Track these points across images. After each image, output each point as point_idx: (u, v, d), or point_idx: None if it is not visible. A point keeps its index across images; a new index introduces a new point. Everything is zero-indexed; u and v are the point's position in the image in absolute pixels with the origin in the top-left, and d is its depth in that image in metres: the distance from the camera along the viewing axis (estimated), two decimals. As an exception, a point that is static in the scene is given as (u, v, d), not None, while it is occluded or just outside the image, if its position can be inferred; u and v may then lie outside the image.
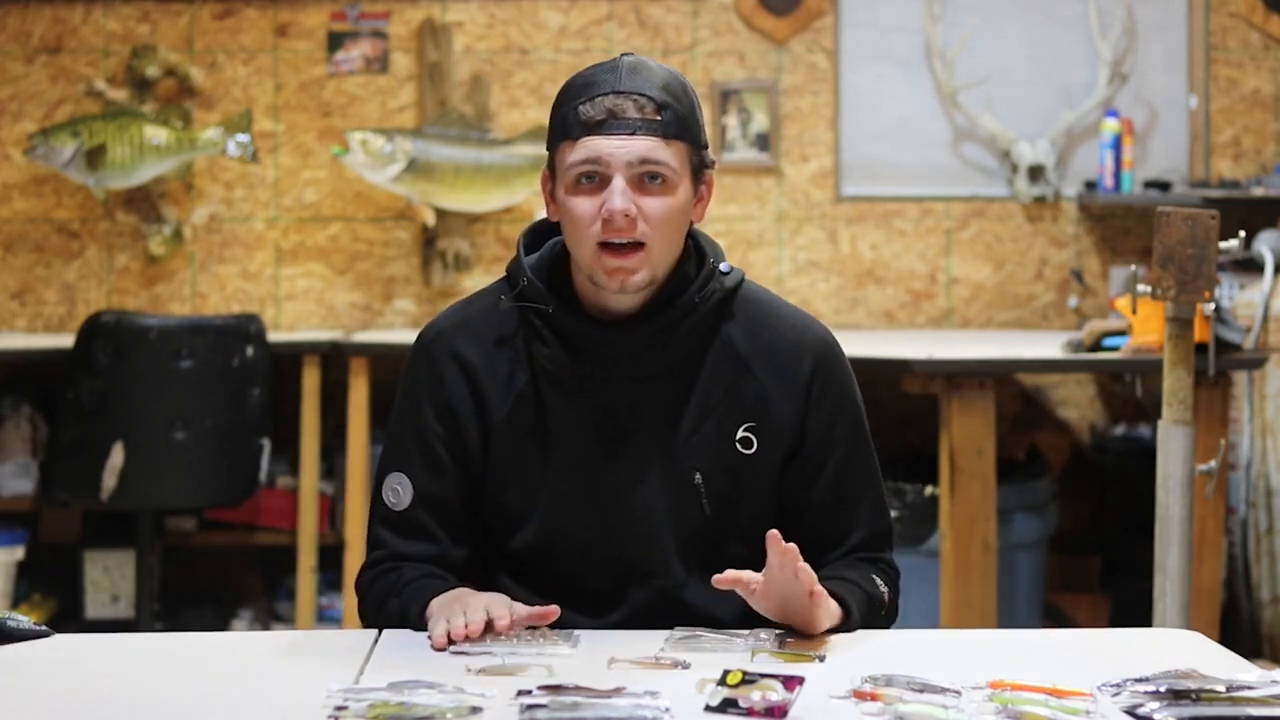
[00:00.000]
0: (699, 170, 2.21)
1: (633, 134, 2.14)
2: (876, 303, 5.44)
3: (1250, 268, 4.94)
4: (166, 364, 4.68)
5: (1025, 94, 5.45)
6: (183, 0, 5.39)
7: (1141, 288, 3.33)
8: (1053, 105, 5.43)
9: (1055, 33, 5.46)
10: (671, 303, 2.22)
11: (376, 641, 2.11)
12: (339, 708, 1.76)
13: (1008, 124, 5.41)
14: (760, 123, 5.41)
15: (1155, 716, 1.76)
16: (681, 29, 5.42)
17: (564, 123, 2.18)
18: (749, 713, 1.75)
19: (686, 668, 1.95)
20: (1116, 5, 5.43)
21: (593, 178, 2.15)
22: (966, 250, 5.45)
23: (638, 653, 2.01)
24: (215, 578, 5.36)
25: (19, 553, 5.00)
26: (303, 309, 5.42)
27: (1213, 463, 3.36)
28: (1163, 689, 1.82)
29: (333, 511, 5.18)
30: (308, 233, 5.43)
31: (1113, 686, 1.85)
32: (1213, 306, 3.46)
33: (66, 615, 5.10)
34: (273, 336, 4.97)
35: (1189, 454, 3.27)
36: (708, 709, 1.77)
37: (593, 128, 2.14)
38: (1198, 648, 2.14)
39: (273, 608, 5.34)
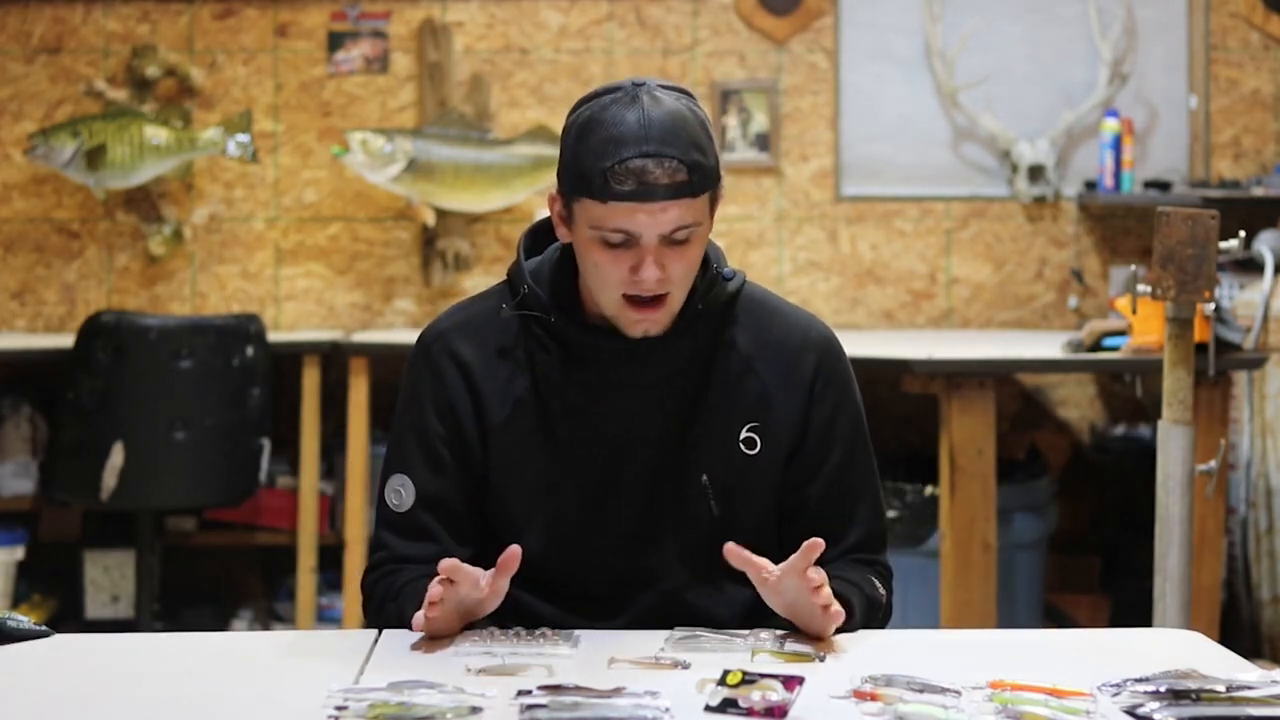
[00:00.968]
0: (716, 197, 2.19)
1: (664, 204, 2.10)
2: (876, 303, 5.44)
3: (1250, 268, 4.94)
4: (166, 364, 4.68)
5: (1025, 94, 5.45)
6: (183, 0, 5.39)
7: (1141, 288, 3.33)
8: (1053, 105, 5.43)
9: (1055, 33, 5.47)
10: (676, 310, 2.22)
11: (376, 641, 2.11)
12: (339, 708, 1.76)
13: (1008, 124, 5.41)
14: (760, 123, 5.41)
15: (1155, 716, 1.76)
16: (681, 29, 5.42)
17: (588, 180, 2.12)
18: (749, 713, 1.75)
19: (686, 668, 1.95)
20: (1116, 5, 5.43)
21: (621, 244, 2.13)
22: (966, 250, 5.45)
23: (638, 653, 2.01)
24: (215, 578, 5.36)
25: (19, 553, 5.00)
26: (303, 309, 5.42)
27: (1213, 463, 3.36)
28: (1163, 689, 1.82)
29: (333, 511, 5.19)
30: (308, 233, 5.43)
31: (1113, 686, 1.85)
32: (1213, 306, 3.46)
33: (66, 615, 5.10)
34: (273, 336, 4.97)
35: (1189, 454, 3.27)
36: (708, 709, 1.77)
37: (623, 196, 2.10)
38: (1198, 648, 2.14)
39: (273, 608, 5.34)
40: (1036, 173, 5.36)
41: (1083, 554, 5.31)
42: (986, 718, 1.77)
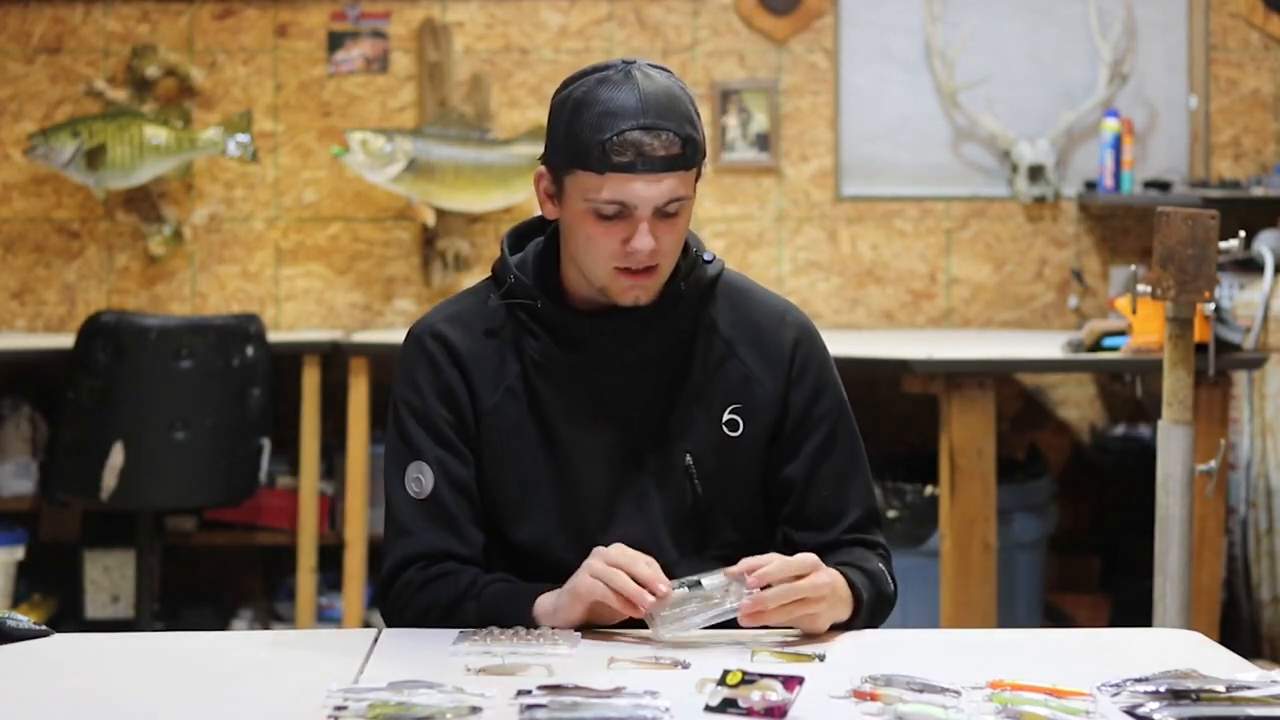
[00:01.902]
0: (700, 173, 2.24)
1: (659, 175, 2.15)
2: (876, 303, 5.44)
3: (1250, 268, 4.94)
4: (166, 364, 4.68)
5: (1025, 94, 5.45)
6: (183, 0, 5.39)
7: (1141, 288, 3.33)
8: (1053, 105, 5.43)
9: (1055, 33, 5.46)
10: (664, 279, 2.24)
11: (376, 641, 2.11)
12: (339, 708, 1.76)
13: (1008, 124, 5.41)
14: (760, 123, 5.41)
15: (1155, 716, 1.76)
16: (681, 29, 5.42)
17: (584, 150, 2.15)
18: (749, 713, 1.75)
19: (686, 667, 1.95)
20: (1116, 5, 5.43)
21: (615, 215, 2.16)
22: (966, 250, 5.45)
23: (638, 653, 2.01)
24: (215, 578, 5.36)
25: (19, 553, 5.00)
26: (303, 309, 5.42)
27: (1213, 463, 3.36)
28: (1163, 689, 1.82)
29: (333, 511, 5.19)
30: (308, 233, 5.43)
31: (1113, 686, 1.85)
32: (1213, 306, 3.46)
33: (66, 615, 5.10)
34: (273, 336, 4.97)
35: (1189, 454, 3.27)
36: (708, 709, 1.77)
37: (620, 168, 2.14)
38: (1198, 648, 2.14)
39: (273, 608, 5.34)
40: (1036, 173, 5.36)
41: (1083, 554, 5.31)
42: (986, 718, 1.77)
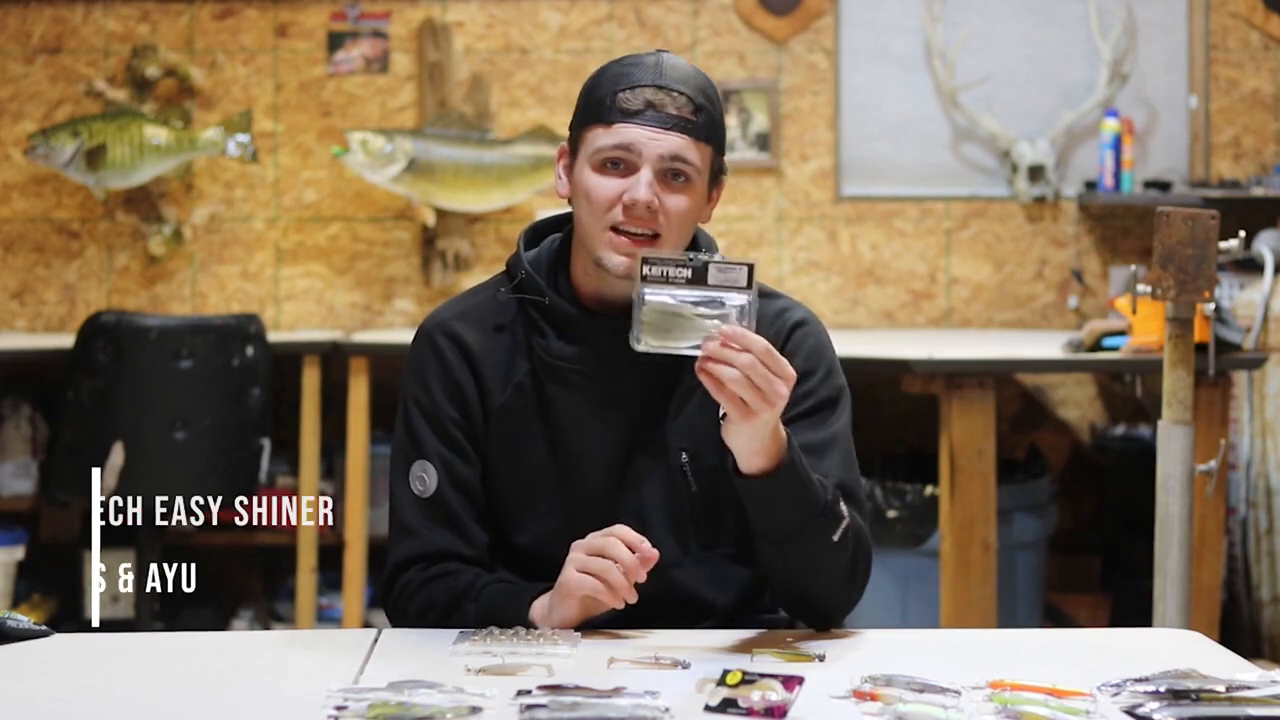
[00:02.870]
0: (716, 175, 2.26)
1: (668, 129, 2.18)
2: (876, 303, 5.44)
3: (1250, 268, 4.94)
4: (166, 364, 4.68)
5: (1025, 94, 5.45)
6: (183, 0, 5.39)
7: (1141, 288, 3.33)
8: (1053, 105, 5.43)
9: (1055, 33, 5.47)
10: None
11: (376, 641, 2.11)
12: (339, 708, 1.76)
13: (1008, 124, 5.41)
14: (760, 123, 5.41)
15: (1155, 716, 1.76)
16: (681, 29, 5.42)
17: (598, 105, 2.21)
18: (749, 713, 1.75)
19: (686, 667, 1.95)
20: (1116, 5, 5.43)
21: (620, 164, 2.19)
22: (966, 250, 5.45)
23: (638, 653, 2.01)
24: (215, 578, 5.36)
25: (19, 553, 5.00)
26: (303, 309, 5.42)
27: (1213, 463, 3.36)
28: (1163, 689, 1.82)
29: (333, 511, 5.19)
30: (308, 233, 5.43)
31: (1113, 686, 1.85)
32: (1213, 306, 3.46)
33: (66, 615, 5.10)
34: (273, 336, 4.97)
35: (1189, 454, 3.26)
36: (708, 709, 1.77)
37: (629, 116, 2.19)
38: (1198, 648, 2.14)
39: (273, 608, 5.34)
40: (1036, 173, 5.36)
41: (1083, 554, 5.31)
42: (986, 718, 1.77)
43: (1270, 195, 5.15)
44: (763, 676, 1.79)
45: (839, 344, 2.39)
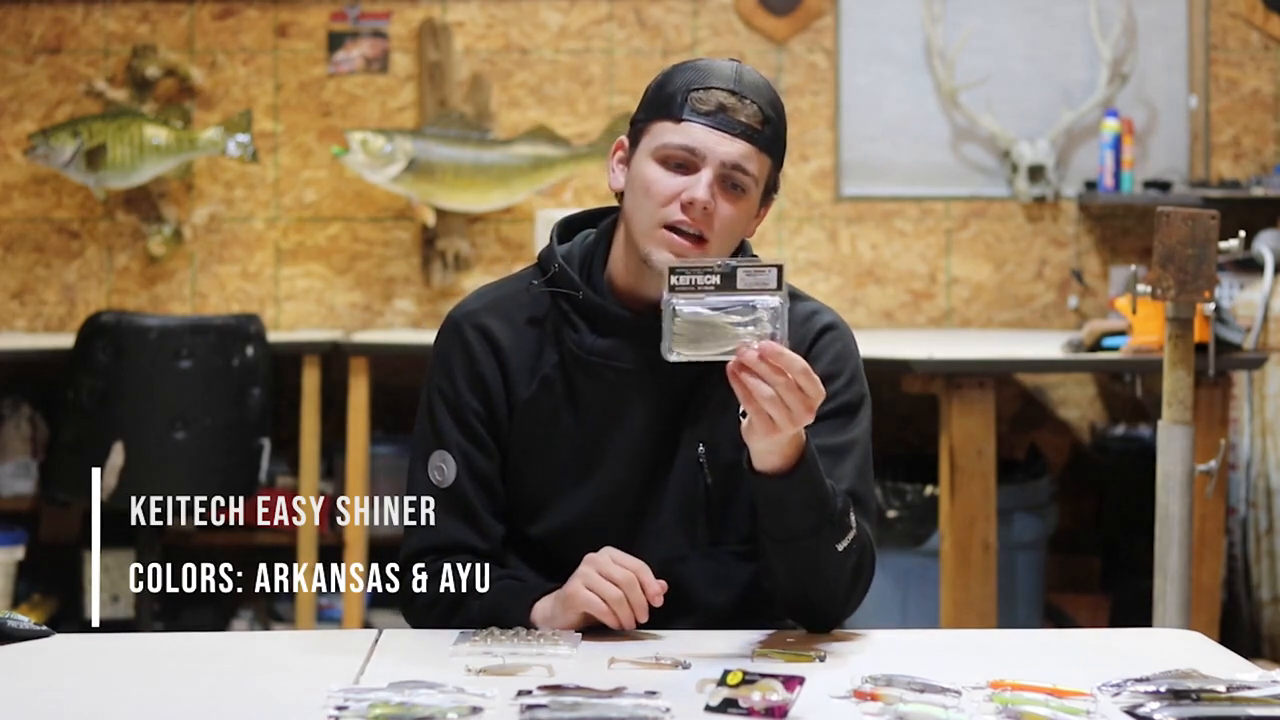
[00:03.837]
0: (769, 191, 2.26)
1: (735, 135, 2.19)
2: (876, 303, 5.44)
3: (1250, 268, 4.94)
4: (166, 364, 4.68)
5: (1025, 94, 5.45)
6: (183, 0, 5.39)
7: (1141, 288, 3.33)
8: (1053, 105, 5.43)
9: (1055, 33, 5.47)
10: None
11: (376, 641, 2.11)
12: (339, 708, 1.76)
13: (1008, 124, 5.41)
14: (760, 123, 5.41)
15: (1155, 716, 1.76)
16: (681, 29, 5.42)
17: (669, 101, 2.21)
18: (749, 713, 1.75)
19: (686, 668, 1.95)
20: (1116, 5, 5.43)
21: (683, 164, 2.19)
22: (966, 250, 5.45)
23: (638, 653, 2.01)
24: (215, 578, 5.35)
25: (19, 553, 4.99)
26: (303, 309, 5.42)
27: (1213, 463, 3.36)
28: (1163, 689, 1.82)
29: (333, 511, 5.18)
30: (308, 233, 5.43)
31: (1113, 686, 1.85)
32: (1213, 306, 3.46)
33: (66, 615, 5.10)
34: (273, 336, 4.97)
35: (1189, 454, 3.26)
36: (708, 709, 1.77)
37: (700, 115, 2.19)
38: (1198, 648, 2.14)
39: (273, 608, 5.33)
40: (1036, 173, 5.36)
41: (1083, 554, 5.31)
42: (986, 718, 1.77)
43: (1270, 195, 5.15)
44: (763, 677, 1.79)
45: (838, 344, 2.39)
